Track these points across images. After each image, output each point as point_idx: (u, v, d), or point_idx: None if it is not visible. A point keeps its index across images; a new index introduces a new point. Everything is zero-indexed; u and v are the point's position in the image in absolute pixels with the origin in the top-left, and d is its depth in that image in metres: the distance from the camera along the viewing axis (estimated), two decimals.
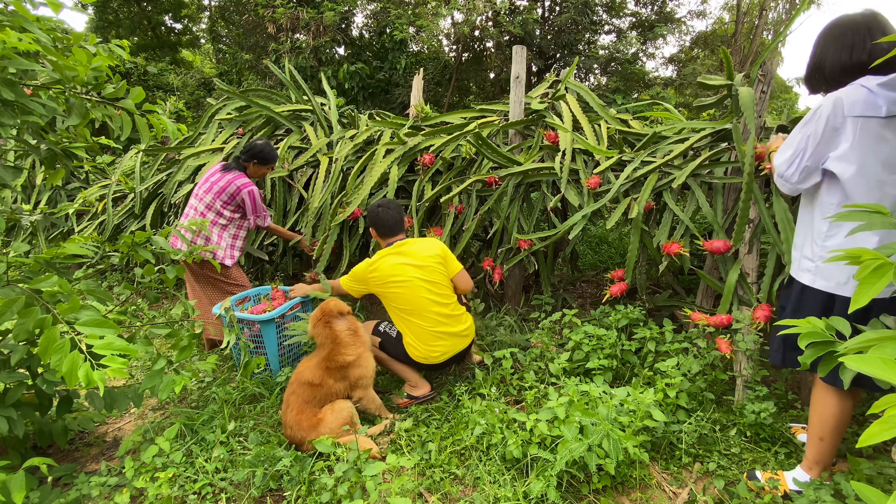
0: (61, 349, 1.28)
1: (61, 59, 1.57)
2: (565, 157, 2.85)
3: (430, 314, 2.35)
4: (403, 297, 2.35)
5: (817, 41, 1.63)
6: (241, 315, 2.62)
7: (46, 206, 4.84)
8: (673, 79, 12.06)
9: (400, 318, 2.42)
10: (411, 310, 2.36)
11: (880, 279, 0.91)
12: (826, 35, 1.61)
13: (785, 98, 14.72)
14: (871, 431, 0.73)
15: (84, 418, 2.16)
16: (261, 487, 1.82)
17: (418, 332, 2.36)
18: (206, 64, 13.93)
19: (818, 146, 1.55)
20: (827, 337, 1.10)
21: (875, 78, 1.48)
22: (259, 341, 2.64)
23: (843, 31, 1.56)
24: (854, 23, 1.54)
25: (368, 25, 10.33)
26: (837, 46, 1.56)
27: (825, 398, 1.64)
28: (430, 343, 2.36)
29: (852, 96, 1.48)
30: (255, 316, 2.60)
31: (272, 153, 3.04)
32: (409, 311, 2.37)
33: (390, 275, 2.34)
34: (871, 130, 1.47)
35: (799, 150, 1.58)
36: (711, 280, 2.42)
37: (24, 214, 2.10)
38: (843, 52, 1.55)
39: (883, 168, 1.49)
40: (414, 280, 2.33)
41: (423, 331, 2.35)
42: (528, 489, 1.72)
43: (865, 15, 1.54)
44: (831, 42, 1.58)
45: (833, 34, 1.58)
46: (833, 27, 1.59)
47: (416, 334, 2.37)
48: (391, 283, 2.34)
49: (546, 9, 10.36)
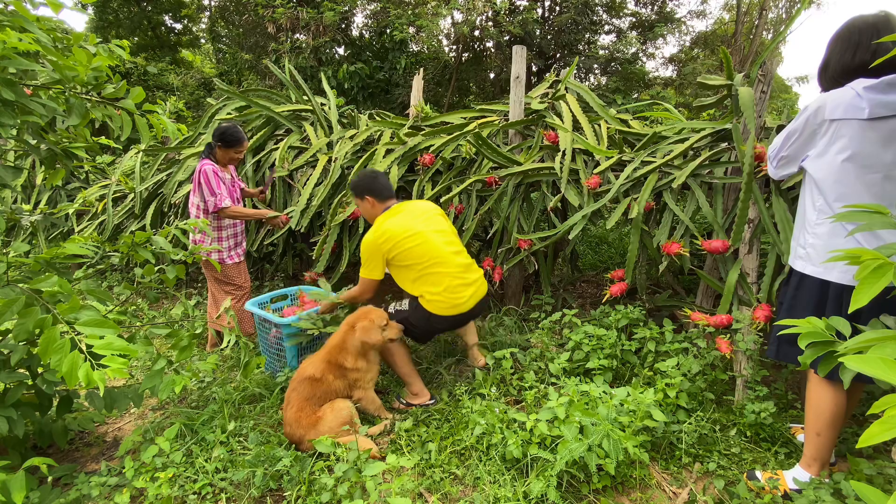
0: (61, 349, 1.28)
1: (61, 59, 1.57)
2: (565, 157, 2.85)
3: (450, 263, 2.32)
4: (420, 251, 2.30)
5: (830, 40, 1.65)
6: (260, 313, 2.64)
7: (46, 206, 4.84)
8: (673, 79, 12.06)
9: (417, 278, 2.34)
10: (431, 262, 2.30)
11: (880, 279, 0.91)
12: (837, 34, 1.62)
13: (785, 98, 14.72)
14: (871, 432, 0.73)
15: (84, 418, 2.16)
16: (261, 487, 1.82)
17: (443, 281, 2.31)
18: (206, 64, 13.94)
19: (795, 142, 1.70)
20: (826, 337, 1.10)
21: (866, 80, 1.51)
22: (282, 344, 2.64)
23: (851, 32, 1.57)
24: (865, 23, 1.56)
25: (368, 25, 10.32)
26: (843, 46, 1.58)
27: (819, 392, 1.66)
28: (456, 291, 2.32)
29: (837, 99, 1.54)
30: (275, 317, 2.60)
31: (235, 134, 2.89)
32: (428, 265, 2.31)
33: (402, 233, 2.29)
34: (852, 132, 1.52)
35: (781, 142, 1.76)
36: (711, 280, 2.43)
37: (24, 214, 2.10)
38: (847, 53, 1.57)
39: (862, 167, 1.53)
40: (426, 232, 2.31)
41: (447, 279, 2.31)
42: (528, 489, 1.72)
43: (878, 16, 1.55)
44: (840, 42, 1.60)
45: (843, 34, 1.60)
46: (845, 27, 1.61)
47: (440, 285, 2.31)
48: (405, 241, 2.29)
49: (546, 9, 10.36)
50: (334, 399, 2.13)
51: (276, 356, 2.70)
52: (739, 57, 11.67)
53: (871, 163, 1.52)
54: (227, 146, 2.88)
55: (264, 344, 2.77)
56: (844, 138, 1.54)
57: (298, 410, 2.05)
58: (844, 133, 1.53)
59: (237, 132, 2.90)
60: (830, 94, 1.57)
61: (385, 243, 2.31)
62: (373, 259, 2.36)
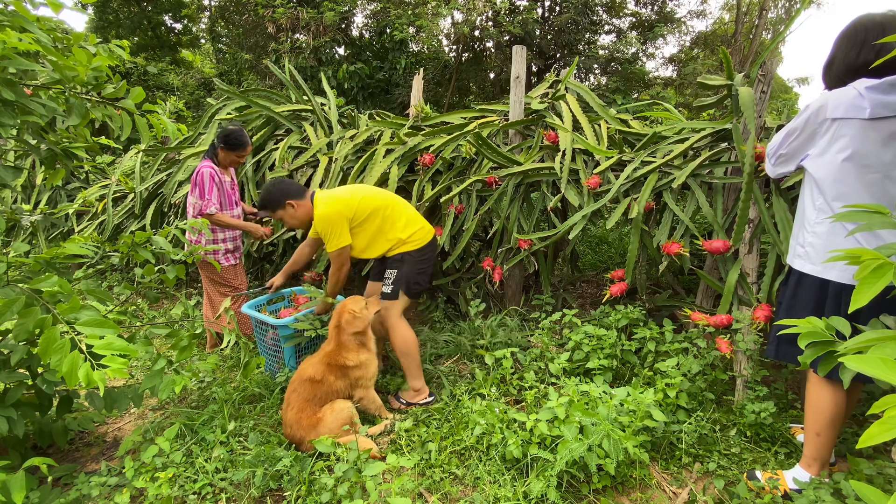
0: (61, 349, 1.28)
1: (61, 59, 1.57)
2: (565, 157, 2.85)
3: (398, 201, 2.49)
4: (377, 196, 2.43)
5: (836, 37, 1.64)
6: (257, 316, 2.64)
7: (46, 206, 4.84)
8: (673, 79, 12.06)
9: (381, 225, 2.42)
10: (389, 201, 2.44)
11: (880, 279, 0.91)
12: (844, 32, 1.62)
13: (785, 98, 14.72)
14: (870, 432, 0.73)
15: (84, 418, 2.16)
16: (261, 487, 1.82)
17: (403, 214, 2.45)
18: (206, 64, 13.93)
19: (795, 140, 1.69)
20: (826, 336, 1.10)
21: (869, 80, 1.50)
22: (278, 345, 2.64)
23: (858, 30, 1.56)
24: (872, 22, 1.55)
25: (368, 25, 10.33)
26: (849, 44, 1.58)
27: (819, 392, 1.66)
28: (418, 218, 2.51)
29: (839, 99, 1.53)
30: (271, 319, 2.59)
31: (240, 138, 2.86)
32: (389, 205, 2.42)
33: (349, 193, 2.39)
34: (853, 131, 1.52)
35: (780, 140, 1.75)
36: (711, 280, 2.42)
37: (24, 214, 2.09)
38: (853, 51, 1.56)
39: (862, 167, 1.53)
40: (363, 186, 2.49)
41: (405, 211, 2.47)
42: (528, 489, 1.72)
43: (886, 15, 1.54)
44: (846, 39, 1.59)
45: (849, 32, 1.59)
46: (852, 25, 1.60)
47: (401, 219, 2.44)
48: (356, 201, 2.36)
49: (546, 9, 10.36)
50: (335, 400, 2.13)
51: (273, 357, 2.70)
52: (739, 57, 11.67)
53: (871, 162, 1.52)
54: (230, 149, 2.87)
55: (262, 346, 2.77)
56: (845, 137, 1.54)
57: (299, 412, 2.05)
58: (845, 132, 1.53)
59: (241, 136, 2.88)
60: (832, 94, 1.57)
61: (345, 208, 2.34)
62: (336, 227, 2.33)
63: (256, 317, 2.67)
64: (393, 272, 2.45)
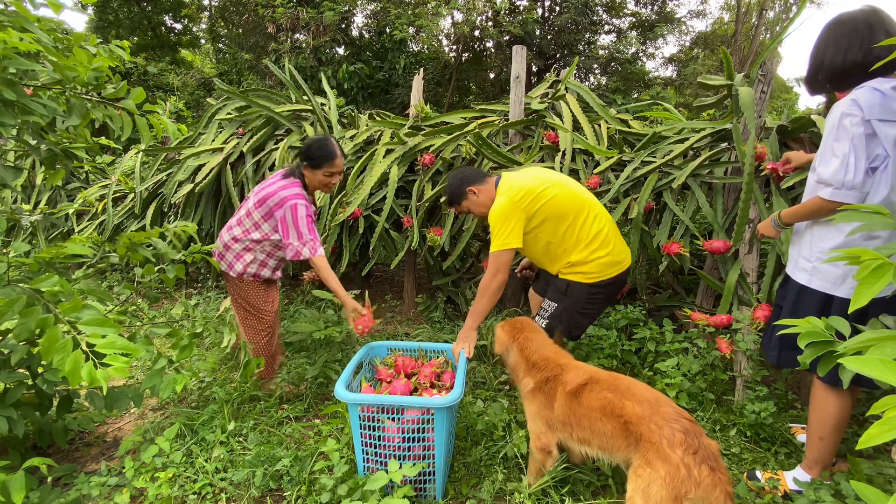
0: (63, 349, 1.28)
1: (62, 60, 1.57)
2: (565, 157, 2.85)
3: (595, 207, 1.95)
4: (561, 197, 1.92)
5: (817, 41, 1.60)
6: (389, 399, 1.62)
7: (46, 206, 4.84)
8: (673, 79, 12.06)
9: (563, 237, 1.93)
10: (577, 208, 1.91)
11: (880, 279, 0.90)
12: (825, 35, 1.58)
13: (785, 98, 14.73)
14: (871, 433, 0.73)
15: (84, 418, 2.16)
16: (261, 487, 1.82)
17: (595, 226, 1.93)
18: (206, 64, 13.93)
19: (863, 146, 1.46)
20: (826, 337, 1.10)
21: (887, 80, 1.45)
22: (423, 433, 1.66)
23: (841, 31, 1.53)
24: (854, 21, 1.51)
25: (368, 25, 10.33)
26: (836, 46, 1.54)
27: (824, 397, 1.64)
28: (618, 244, 1.96)
29: (869, 100, 1.44)
30: (423, 400, 1.61)
31: (322, 150, 2.24)
32: (573, 212, 1.91)
33: (540, 183, 1.93)
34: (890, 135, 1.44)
35: (849, 154, 1.46)
36: (711, 280, 2.43)
37: (24, 214, 2.09)
38: (838, 54, 1.53)
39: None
40: (561, 179, 1.98)
41: (599, 222, 1.94)
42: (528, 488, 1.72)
43: (865, 12, 1.51)
44: (831, 42, 1.55)
45: (832, 34, 1.56)
46: (832, 26, 1.57)
47: (591, 239, 1.92)
48: (547, 191, 1.91)
49: (546, 9, 10.37)
50: None
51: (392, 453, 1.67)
52: (739, 57, 11.68)
53: None
54: (312, 166, 2.25)
55: (361, 441, 1.69)
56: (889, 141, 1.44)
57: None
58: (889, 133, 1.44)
59: (323, 147, 2.24)
60: (857, 98, 1.46)
61: (524, 198, 1.90)
62: (510, 220, 1.89)
63: (380, 402, 1.62)
64: (552, 305, 2.03)
